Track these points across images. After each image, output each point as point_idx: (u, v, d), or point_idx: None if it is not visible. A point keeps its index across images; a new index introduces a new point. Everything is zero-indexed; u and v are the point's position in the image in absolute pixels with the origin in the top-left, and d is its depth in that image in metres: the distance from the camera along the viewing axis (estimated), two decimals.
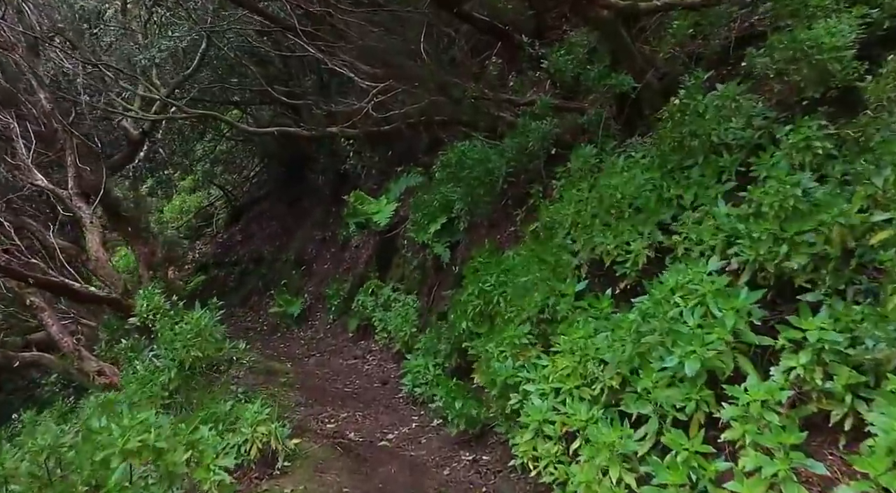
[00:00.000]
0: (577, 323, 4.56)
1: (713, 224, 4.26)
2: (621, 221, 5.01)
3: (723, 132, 4.99)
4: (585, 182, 6.05)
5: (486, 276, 6.23)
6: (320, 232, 15.42)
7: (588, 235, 5.28)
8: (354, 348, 10.00)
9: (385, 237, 11.10)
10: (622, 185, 5.34)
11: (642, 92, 6.81)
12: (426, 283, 9.45)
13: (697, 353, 3.47)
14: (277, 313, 13.51)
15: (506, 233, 7.69)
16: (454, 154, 8.64)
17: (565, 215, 5.82)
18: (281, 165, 18.33)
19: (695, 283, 3.85)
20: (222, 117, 9.36)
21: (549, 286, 5.02)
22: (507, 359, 4.85)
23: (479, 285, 6.19)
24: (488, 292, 6.06)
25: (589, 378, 4.10)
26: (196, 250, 20.22)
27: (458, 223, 8.82)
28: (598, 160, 6.42)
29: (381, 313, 9.34)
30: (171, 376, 5.50)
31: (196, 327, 5.72)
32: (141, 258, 8.93)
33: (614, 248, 4.92)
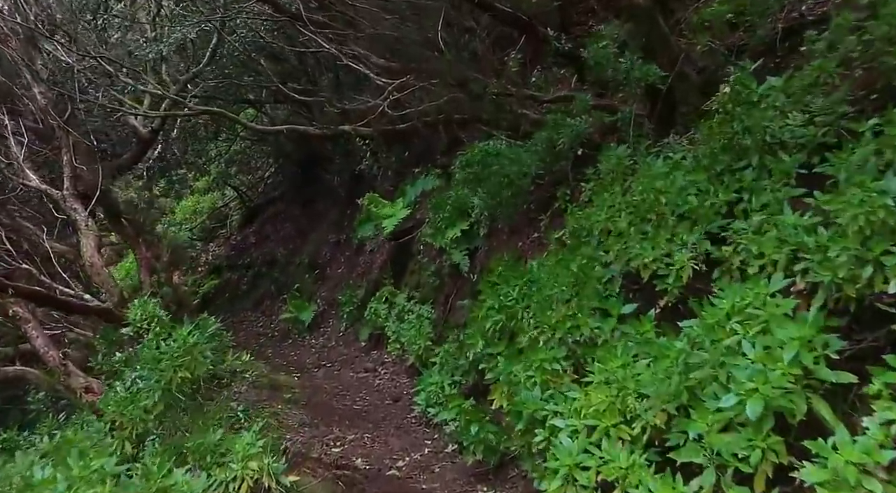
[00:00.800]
0: (614, 349, 3.96)
1: (776, 235, 3.64)
2: (661, 230, 4.41)
3: (778, 129, 4.38)
4: (618, 185, 5.45)
5: (508, 288, 5.65)
6: (335, 235, 14.94)
7: (623, 244, 4.68)
8: (366, 358, 9.47)
9: (400, 242, 10.55)
10: (661, 189, 4.74)
11: (679, 87, 6.19)
12: (442, 291, 8.89)
13: (761, 392, 2.86)
14: (289, 318, 13.03)
15: (528, 240, 7.11)
16: (474, 155, 8.08)
17: (596, 222, 5.23)
18: (296, 165, 17.88)
19: (755, 305, 3.24)
20: (229, 115, 8.89)
21: (583, 304, 4.43)
22: (536, 386, 4.27)
23: (500, 298, 5.62)
24: (510, 306, 5.48)
25: (628, 415, 3.50)
26: (209, 251, 19.85)
27: (477, 228, 8.26)
28: (632, 161, 5.82)
29: (395, 323, 8.80)
30: (156, 400, 4.99)
31: (185, 344, 5.20)
32: (142, 263, 8.46)
33: (653, 260, 4.32)
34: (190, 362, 5.13)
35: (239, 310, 16.98)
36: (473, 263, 8.29)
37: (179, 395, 5.05)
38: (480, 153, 8.05)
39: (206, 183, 21.04)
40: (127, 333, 5.93)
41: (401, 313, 8.90)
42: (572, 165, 7.09)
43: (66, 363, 5.91)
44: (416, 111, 8.97)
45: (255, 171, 20.34)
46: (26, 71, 7.31)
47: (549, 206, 7.15)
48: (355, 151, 14.44)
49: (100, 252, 7.15)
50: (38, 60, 7.89)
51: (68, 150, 7.42)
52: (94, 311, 6.44)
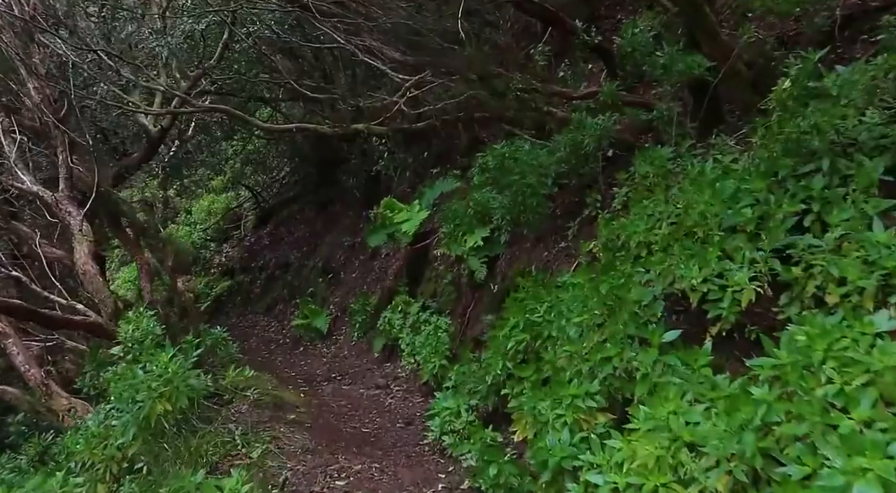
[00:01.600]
0: (662, 388, 3.35)
1: (860, 256, 3.01)
2: (711, 246, 3.79)
3: (851, 127, 3.75)
4: (660, 192, 4.83)
5: (534, 304, 5.06)
6: (350, 238, 14.41)
7: (666, 261, 4.07)
8: (378, 372, 8.92)
9: (416, 248, 9.99)
10: (711, 197, 4.12)
11: (726, 82, 5.56)
12: (460, 302, 8.30)
13: (876, 471, 2.23)
14: (301, 325, 12.52)
15: (555, 250, 6.51)
16: (495, 156, 7.49)
17: (633, 234, 4.62)
18: (312, 165, 17.40)
19: (856, 348, 2.61)
20: (236, 112, 8.38)
21: (619, 329, 3.82)
22: (565, 427, 3.66)
23: (525, 315, 5.03)
24: (536, 324, 4.90)
25: (682, 474, 2.89)
26: (223, 253, 19.45)
27: (498, 236, 7.66)
28: (674, 164, 5.20)
29: (410, 335, 8.23)
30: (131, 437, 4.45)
31: (165, 371, 4.66)
32: (142, 269, 7.98)
33: (702, 281, 3.70)
34: (171, 392, 4.58)
35: (251, 314, 16.54)
36: (494, 272, 7.70)
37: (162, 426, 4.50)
38: (502, 154, 7.46)
39: (222, 183, 20.65)
40: (117, 352, 5.43)
41: (415, 325, 8.33)
42: (602, 167, 6.49)
43: (47, 383, 5.43)
44: (434, 109, 8.41)
45: (271, 171, 19.91)
46: (21, 65, 6.86)
47: (578, 212, 6.55)
48: (372, 152, 13.90)
49: (95, 259, 6.66)
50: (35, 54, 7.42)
51: (64, 149, 6.95)
52: (81, 325, 5.95)
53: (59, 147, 6.96)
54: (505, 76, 7.12)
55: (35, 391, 5.56)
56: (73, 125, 7.78)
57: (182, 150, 17.56)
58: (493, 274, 7.64)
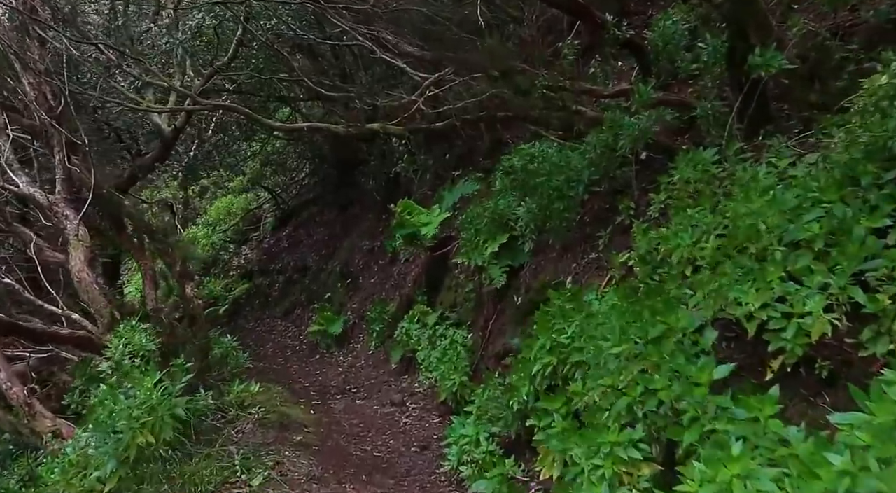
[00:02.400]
0: (717, 437, 2.81)
1: None
2: (771, 265, 3.24)
3: None
4: (706, 200, 4.28)
5: (563, 324, 4.54)
6: (369, 242, 13.98)
7: (716, 282, 3.52)
8: (395, 386, 8.45)
9: (436, 254, 9.51)
10: (767, 207, 3.57)
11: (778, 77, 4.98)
12: (481, 313, 7.80)
13: None
14: (317, 332, 12.11)
15: (584, 261, 5.97)
16: (519, 158, 7.01)
17: (676, 248, 4.07)
18: (331, 167, 17.01)
19: None
20: (244, 111, 7.96)
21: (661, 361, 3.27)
22: (604, 482, 3.14)
23: (553, 335, 4.51)
24: (564, 346, 4.37)
25: None
26: (242, 255, 19.16)
27: (521, 243, 7.14)
28: (720, 169, 4.64)
29: (427, 348, 7.75)
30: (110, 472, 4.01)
31: (148, 398, 4.21)
32: (146, 275, 7.59)
33: (761, 307, 3.16)
34: (154, 422, 4.14)
35: (268, 318, 16.21)
36: (517, 282, 7.18)
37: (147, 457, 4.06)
38: (526, 156, 6.97)
39: (241, 183, 20.37)
40: (105, 369, 5.02)
41: (433, 337, 7.85)
42: (636, 171, 5.94)
43: (31, 403, 5.04)
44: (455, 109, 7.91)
45: (291, 172, 19.57)
46: (16, 60, 6.51)
47: (609, 220, 6.01)
48: (391, 153, 13.46)
49: (92, 265, 6.28)
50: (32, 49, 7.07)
51: (61, 149, 6.57)
52: (69, 340, 5.55)
53: (56, 147, 6.59)
54: (530, 73, 6.61)
55: (17, 411, 5.17)
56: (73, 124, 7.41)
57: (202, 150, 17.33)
58: (517, 285, 7.12)
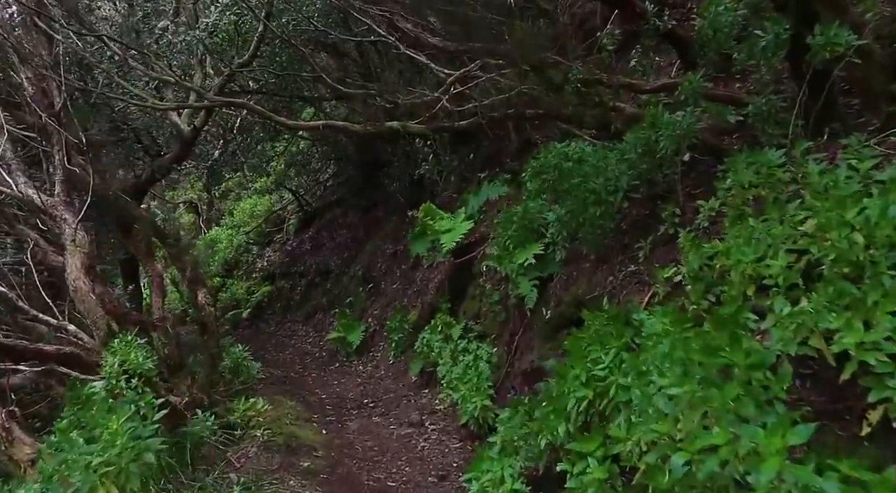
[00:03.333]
0: None
1: None
2: (876, 292, 2.63)
3: None
4: (773, 209, 3.65)
5: (599, 351, 3.95)
6: (392, 245, 13.50)
7: (794, 309, 2.92)
8: (414, 401, 7.92)
9: (460, 261, 8.96)
10: (857, 218, 2.95)
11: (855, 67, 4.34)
12: (506, 326, 7.23)
13: None
14: (336, 339, 11.65)
15: (621, 274, 5.36)
16: (551, 158, 6.43)
17: (737, 264, 3.47)
18: (355, 168, 16.59)
19: None
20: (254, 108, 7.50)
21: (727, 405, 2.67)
22: None
23: (588, 365, 3.92)
24: (600, 379, 3.79)
25: None
26: (265, 257, 18.83)
27: (552, 252, 6.56)
28: (786, 172, 4.01)
29: (449, 363, 7.20)
30: None
31: (112, 443, 3.67)
32: (154, 283, 7.18)
33: (857, 343, 2.55)
34: (117, 471, 3.61)
35: (289, 322, 15.84)
36: (546, 295, 6.59)
37: None
38: (558, 157, 6.40)
39: (265, 184, 20.07)
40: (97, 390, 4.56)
41: (455, 352, 7.29)
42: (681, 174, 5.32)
43: (9, 427, 4.62)
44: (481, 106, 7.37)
45: (314, 173, 19.19)
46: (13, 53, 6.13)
47: (649, 229, 5.39)
48: (416, 154, 12.95)
49: (90, 272, 5.85)
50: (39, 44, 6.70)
51: (61, 148, 6.16)
52: (54, 357, 5.10)
53: (56, 146, 6.18)
54: (563, 66, 6.03)
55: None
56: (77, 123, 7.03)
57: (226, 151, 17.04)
58: (546, 297, 6.54)
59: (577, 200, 5.64)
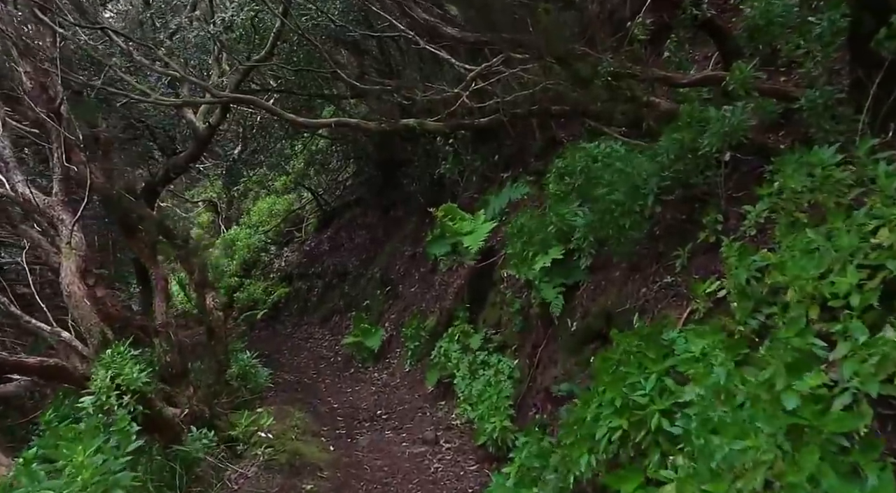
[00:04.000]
0: None
1: None
2: None
3: None
4: (836, 217, 3.16)
5: (636, 375, 3.49)
6: (411, 247, 13.10)
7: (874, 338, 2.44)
8: (429, 415, 7.51)
9: (480, 266, 8.52)
10: None
11: None
12: (529, 337, 6.77)
13: None
14: (352, 344, 11.27)
15: (655, 286, 4.88)
16: (577, 159, 5.99)
17: (795, 281, 2.99)
18: (375, 167, 16.21)
19: None
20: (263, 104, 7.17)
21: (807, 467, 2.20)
22: None
23: (623, 390, 3.46)
24: (639, 407, 3.33)
25: None
26: (283, 257, 18.55)
27: (577, 259, 6.09)
28: (847, 173, 3.51)
29: (468, 377, 6.77)
30: None
31: (72, 480, 3.24)
32: (158, 287, 6.85)
33: None
34: None
35: (306, 324, 15.53)
36: (572, 304, 6.12)
37: None
38: (585, 157, 5.95)
39: (284, 183, 19.80)
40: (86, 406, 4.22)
41: (474, 364, 6.85)
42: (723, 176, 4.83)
43: None
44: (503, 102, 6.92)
45: (334, 172, 18.86)
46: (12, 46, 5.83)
47: (687, 236, 4.90)
48: (436, 153, 12.53)
49: (85, 276, 5.52)
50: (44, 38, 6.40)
51: (59, 145, 5.85)
52: (36, 370, 4.71)
53: (55, 143, 5.87)
54: (592, 58, 5.56)
55: None
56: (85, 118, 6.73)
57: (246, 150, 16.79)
58: (572, 307, 6.07)
59: (606, 204, 5.17)
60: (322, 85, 14.40)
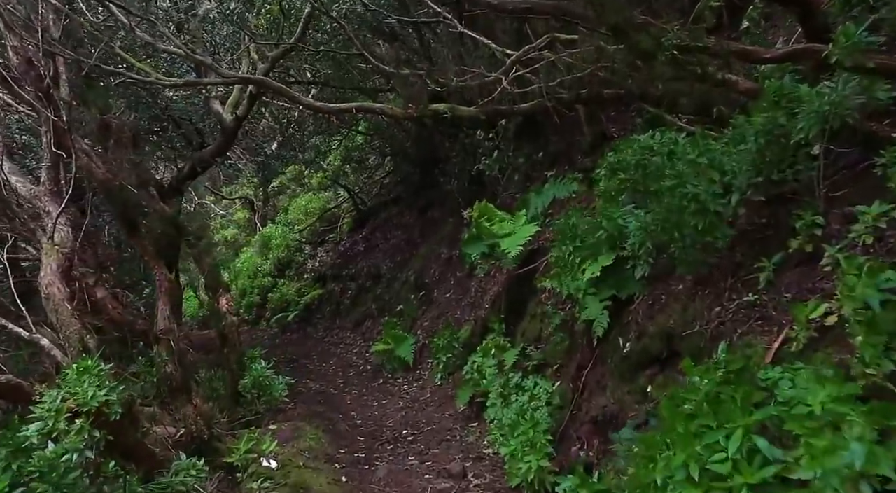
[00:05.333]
0: None
1: None
2: None
3: None
4: None
5: (715, 431, 2.60)
6: (447, 250, 12.31)
7: None
8: (459, 440, 6.69)
9: (520, 272, 7.66)
10: None
11: None
12: (573, 358, 5.88)
13: None
14: (382, 352, 10.53)
15: (733, 304, 3.94)
16: (631, 152, 5.10)
17: None
18: (413, 165, 15.49)
19: None
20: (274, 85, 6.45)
21: None
22: None
23: (700, 451, 2.58)
24: (719, 478, 2.44)
25: None
26: (317, 257, 17.97)
27: (631, 268, 5.17)
28: None
29: (499, 401, 5.93)
30: None
31: None
32: (161, 289, 6.20)
33: None
34: None
35: (338, 328, 14.89)
36: (624, 321, 5.20)
37: None
38: (642, 150, 5.05)
39: (319, 181, 19.25)
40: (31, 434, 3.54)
41: (507, 387, 5.99)
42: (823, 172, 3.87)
43: None
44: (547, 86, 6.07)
45: (371, 171, 18.21)
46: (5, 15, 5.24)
47: (772, 243, 3.96)
48: (476, 149, 11.71)
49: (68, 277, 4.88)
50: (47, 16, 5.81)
51: (49, 129, 5.23)
52: None
53: (44, 126, 5.25)
54: (654, 28, 4.65)
55: None
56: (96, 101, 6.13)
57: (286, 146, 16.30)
58: (624, 325, 5.16)
59: (671, 202, 4.26)
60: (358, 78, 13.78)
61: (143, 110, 10.83)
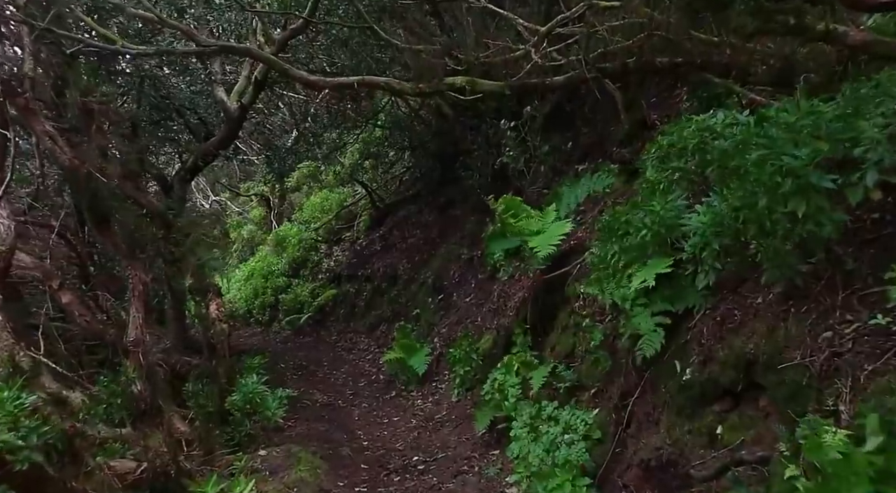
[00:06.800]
0: None
1: None
2: None
3: None
4: None
5: None
6: (468, 250, 11.33)
7: None
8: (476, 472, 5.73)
9: (549, 276, 6.66)
10: None
11: None
12: (615, 382, 4.87)
13: None
14: (394, 361, 9.61)
15: (844, 326, 2.92)
16: (691, 133, 4.13)
17: None
18: (434, 160, 14.55)
19: None
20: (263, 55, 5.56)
21: None
22: None
23: None
24: None
25: None
26: (333, 257, 17.11)
27: (691, 275, 4.15)
28: None
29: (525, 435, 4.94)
30: None
31: None
32: (134, 292, 5.34)
33: None
34: None
35: (351, 332, 14.00)
36: (683, 341, 4.19)
37: None
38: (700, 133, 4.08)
39: (337, 176, 18.38)
40: None
41: (536, 418, 5.00)
42: None
43: None
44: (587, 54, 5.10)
45: (389, 165, 17.28)
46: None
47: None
48: (499, 140, 10.72)
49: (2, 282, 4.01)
50: None
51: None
52: None
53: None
54: None
55: None
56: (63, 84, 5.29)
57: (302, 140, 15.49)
58: (683, 346, 4.14)
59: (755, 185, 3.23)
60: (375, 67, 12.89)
61: (144, 98, 10.05)
